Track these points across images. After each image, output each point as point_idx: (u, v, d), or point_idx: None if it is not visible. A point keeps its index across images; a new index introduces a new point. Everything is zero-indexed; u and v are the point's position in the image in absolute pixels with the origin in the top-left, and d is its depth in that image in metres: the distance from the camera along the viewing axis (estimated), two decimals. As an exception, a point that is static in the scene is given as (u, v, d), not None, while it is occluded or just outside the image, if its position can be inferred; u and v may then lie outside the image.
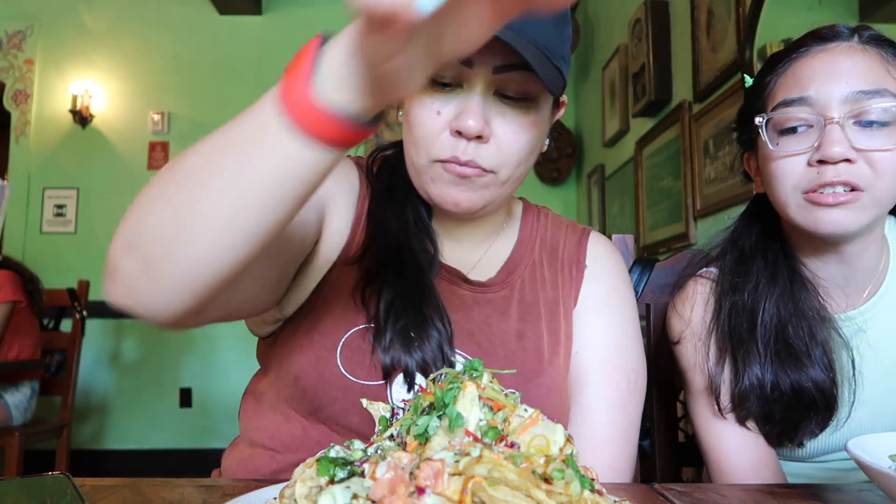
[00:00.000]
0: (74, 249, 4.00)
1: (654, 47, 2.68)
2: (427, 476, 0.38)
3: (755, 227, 0.92)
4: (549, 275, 0.86)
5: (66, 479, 0.52)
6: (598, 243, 0.90)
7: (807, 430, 0.83)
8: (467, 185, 0.73)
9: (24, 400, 2.63)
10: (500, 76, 0.69)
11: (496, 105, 0.71)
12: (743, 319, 0.85)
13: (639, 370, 0.83)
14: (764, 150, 0.82)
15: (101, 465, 3.83)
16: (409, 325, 0.72)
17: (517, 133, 0.72)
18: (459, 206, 0.74)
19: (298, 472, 0.43)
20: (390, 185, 0.83)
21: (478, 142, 0.70)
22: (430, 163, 0.73)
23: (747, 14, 1.94)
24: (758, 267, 0.87)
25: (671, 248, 2.62)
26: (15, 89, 4.08)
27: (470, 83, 0.70)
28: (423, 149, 0.73)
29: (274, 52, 4.11)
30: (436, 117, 0.71)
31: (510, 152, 0.72)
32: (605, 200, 3.63)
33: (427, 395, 0.47)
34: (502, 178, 0.74)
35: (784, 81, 0.81)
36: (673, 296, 0.96)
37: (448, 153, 0.71)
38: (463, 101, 0.70)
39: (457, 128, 0.69)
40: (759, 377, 0.82)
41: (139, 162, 4.08)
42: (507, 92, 0.71)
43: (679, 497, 0.63)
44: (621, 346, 0.83)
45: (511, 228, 0.89)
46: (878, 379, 0.84)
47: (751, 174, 0.92)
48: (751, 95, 0.88)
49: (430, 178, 0.74)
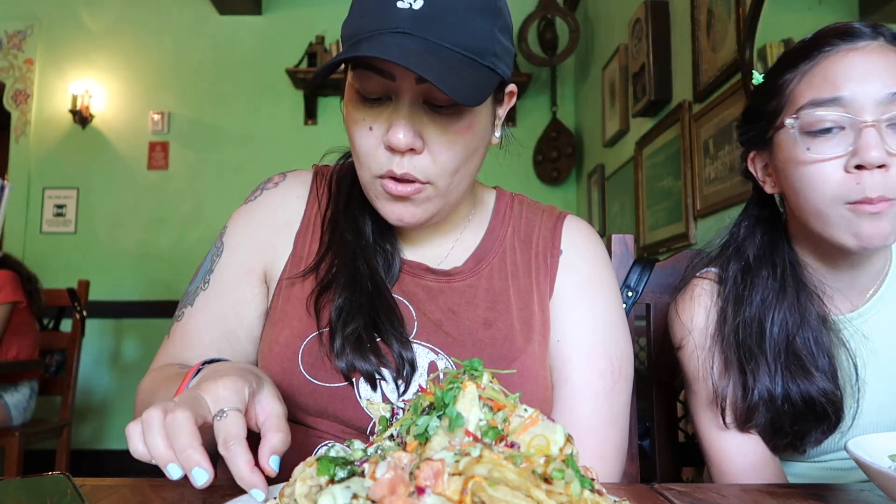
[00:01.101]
0: (74, 249, 4.00)
1: (654, 47, 2.67)
2: (427, 476, 0.38)
3: (759, 231, 0.89)
4: (522, 262, 0.85)
5: (66, 479, 0.52)
6: (573, 228, 0.88)
7: (813, 439, 0.82)
8: (408, 201, 0.73)
9: (24, 400, 2.62)
10: (425, 85, 0.68)
11: (427, 114, 0.70)
12: (751, 333, 0.83)
13: (623, 356, 0.82)
14: (790, 152, 0.78)
15: (101, 465, 3.83)
16: (359, 329, 0.73)
17: (450, 142, 0.71)
18: (403, 220, 0.75)
19: (298, 471, 0.43)
20: (350, 192, 0.84)
21: (412, 154, 0.70)
22: (372, 178, 0.73)
23: (747, 14, 1.94)
24: (764, 277, 0.85)
25: (671, 248, 2.62)
26: (15, 89, 4.08)
27: (397, 95, 0.69)
28: (364, 165, 0.73)
29: (274, 52, 4.11)
30: (369, 133, 0.71)
31: (444, 161, 0.71)
32: (605, 200, 3.63)
33: (427, 395, 0.47)
34: (441, 187, 0.73)
35: (811, 80, 0.77)
36: (675, 297, 0.94)
37: (384, 168, 0.71)
38: (392, 114, 0.70)
39: (387, 143, 0.69)
40: (770, 390, 0.80)
41: (139, 162, 4.08)
42: (435, 101, 0.69)
43: (679, 497, 0.63)
44: (602, 331, 0.81)
45: (481, 218, 0.88)
46: (879, 377, 0.84)
47: (755, 175, 0.88)
48: (762, 93, 0.84)
49: (374, 195, 0.75)
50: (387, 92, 0.70)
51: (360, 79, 0.70)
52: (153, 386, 0.74)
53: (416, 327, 0.78)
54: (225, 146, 4.09)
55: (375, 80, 0.69)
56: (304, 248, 0.83)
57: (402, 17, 0.66)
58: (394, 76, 0.68)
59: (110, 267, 3.99)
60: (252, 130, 4.11)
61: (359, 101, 0.71)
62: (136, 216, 4.03)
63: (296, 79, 4.00)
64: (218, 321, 0.81)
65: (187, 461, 0.49)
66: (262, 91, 4.15)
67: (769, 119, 0.82)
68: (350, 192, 0.85)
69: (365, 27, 0.68)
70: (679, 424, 1.13)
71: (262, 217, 0.86)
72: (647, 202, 2.93)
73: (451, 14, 0.67)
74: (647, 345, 1.14)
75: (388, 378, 0.73)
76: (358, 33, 0.69)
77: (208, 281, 0.83)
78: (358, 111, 0.72)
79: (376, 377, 0.73)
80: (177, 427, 0.50)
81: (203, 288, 0.83)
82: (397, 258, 0.82)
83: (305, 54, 4.04)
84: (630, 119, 3.12)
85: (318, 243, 0.83)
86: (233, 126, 4.11)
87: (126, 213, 4.03)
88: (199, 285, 0.84)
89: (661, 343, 1.08)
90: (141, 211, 4.03)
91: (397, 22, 0.66)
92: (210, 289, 0.83)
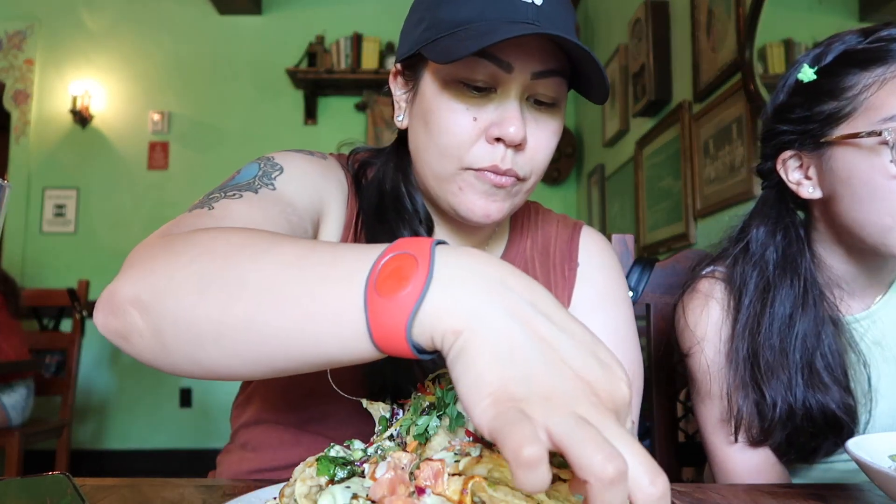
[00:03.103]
0: (74, 249, 4.00)
1: (654, 47, 2.67)
2: (427, 476, 0.38)
3: (779, 235, 0.85)
4: (542, 275, 0.84)
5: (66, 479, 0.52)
6: (589, 239, 0.88)
7: (824, 451, 0.81)
8: (499, 194, 0.70)
9: (21, 400, 2.62)
10: (537, 81, 0.67)
11: (530, 111, 0.69)
12: (773, 350, 0.80)
13: (635, 369, 0.82)
14: (867, 161, 0.73)
15: (101, 465, 3.82)
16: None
17: (548, 139, 0.70)
18: (490, 216, 0.71)
19: (298, 471, 0.43)
20: (379, 203, 0.78)
21: (516, 150, 0.68)
22: (459, 171, 0.69)
23: (747, 14, 1.94)
24: (786, 290, 0.82)
25: (671, 248, 2.62)
26: (15, 89, 4.08)
27: (506, 88, 0.67)
28: (453, 157, 0.69)
29: (274, 52, 4.11)
30: (472, 123, 0.68)
31: (541, 159, 0.71)
32: (605, 200, 3.63)
33: (427, 395, 0.47)
34: (529, 184, 0.72)
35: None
36: (681, 298, 0.92)
37: (486, 161, 0.68)
38: (498, 106, 0.68)
39: (498, 135, 0.67)
40: (791, 405, 0.79)
41: (139, 162, 4.08)
42: (540, 97, 0.69)
43: (679, 497, 0.63)
44: (616, 345, 0.81)
45: (502, 230, 0.87)
46: (890, 375, 0.83)
47: (784, 176, 0.83)
48: (815, 91, 0.79)
49: (459, 188, 0.70)
50: (494, 83, 0.67)
51: (470, 66, 0.66)
52: (252, 240, 0.45)
53: None
54: (225, 146, 4.09)
55: (488, 69, 0.66)
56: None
57: (528, 11, 0.64)
58: (512, 68, 0.66)
59: (110, 267, 3.96)
60: (252, 130, 4.11)
61: (460, 88, 0.68)
62: (136, 216, 4.02)
63: (296, 79, 4.00)
64: (286, 217, 0.63)
65: None
66: (262, 91, 4.15)
67: (826, 121, 0.77)
68: (380, 197, 0.79)
69: (485, 16, 0.65)
70: (679, 424, 1.13)
71: (322, 175, 0.75)
72: (647, 202, 2.93)
73: (564, 11, 0.68)
74: (647, 345, 1.14)
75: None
76: (478, 19, 0.65)
77: (272, 185, 0.66)
78: (459, 100, 0.68)
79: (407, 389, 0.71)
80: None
81: (266, 186, 0.66)
82: None
83: (305, 54, 4.04)
84: (630, 119, 3.12)
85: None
86: (233, 126, 4.11)
87: (126, 213, 4.02)
88: (255, 182, 0.66)
89: (664, 343, 1.08)
90: (141, 211, 4.03)
91: (525, 15, 0.64)
92: (279, 192, 0.66)
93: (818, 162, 0.79)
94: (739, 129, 2.04)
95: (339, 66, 3.97)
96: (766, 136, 0.86)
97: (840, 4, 1.80)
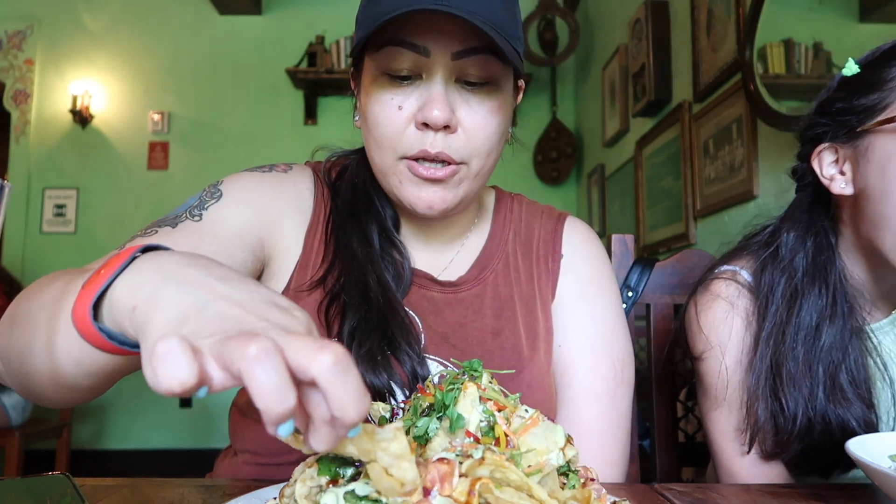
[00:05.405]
0: (74, 249, 4.00)
1: (654, 47, 2.67)
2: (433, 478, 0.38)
3: (809, 240, 0.82)
4: (524, 268, 0.83)
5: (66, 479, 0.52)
6: (574, 230, 0.87)
7: (842, 467, 0.80)
8: (438, 185, 0.70)
9: (21, 400, 2.63)
10: (460, 62, 0.67)
11: (459, 93, 0.69)
12: (797, 361, 0.78)
13: (625, 358, 0.81)
14: None
15: (101, 465, 3.82)
16: (373, 349, 0.70)
17: (485, 119, 0.69)
18: (434, 208, 0.71)
19: (298, 471, 0.43)
20: (352, 200, 0.80)
21: (446, 132, 0.68)
22: (397, 161, 0.70)
23: (747, 14, 1.94)
24: (814, 299, 0.79)
25: (671, 248, 2.62)
26: (15, 89, 4.08)
27: (429, 72, 0.68)
28: (388, 148, 0.70)
29: (274, 52, 4.11)
30: (398, 113, 0.68)
31: (480, 140, 0.70)
32: (605, 200, 3.63)
33: (427, 396, 0.47)
34: (474, 169, 0.72)
35: None
36: (695, 298, 0.89)
37: (416, 148, 0.69)
38: (424, 91, 0.68)
39: (422, 120, 0.67)
40: (811, 419, 0.77)
41: (139, 162, 4.08)
42: (469, 78, 0.69)
43: (679, 497, 0.63)
44: (604, 335, 0.81)
45: (483, 222, 0.87)
46: None
47: (819, 170, 0.81)
48: (857, 85, 0.78)
49: (399, 181, 0.72)
50: (417, 69, 0.68)
51: (389, 56, 0.67)
52: (52, 285, 0.54)
53: (424, 340, 0.76)
54: (225, 146, 4.09)
55: (407, 57, 0.67)
56: (312, 253, 0.79)
57: None
58: (429, 51, 0.66)
59: (110, 267, 3.97)
60: (252, 130, 4.11)
61: (385, 80, 0.69)
62: (136, 216, 4.02)
63: (296, 79, 4.00)
64: (202, 247, 0.68)
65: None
66: (262, 91, 4.14)
67: (865, 112, 0.76)
68: (353, 194, 0.81)
69: (393, 6, 0.64)
70: (679, 424, 1.13)
71: (271, 192, 0.78)
72: (647, 202, 2.93)
73: None
74: (647, 345, 1.14)
75: (399, 393, 0.71)
76: (386, 11, 0.64)
77: (199, 215, 0.71)
78: (384, 91, 0.69)
79: (386, 392, 0.70)
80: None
81: (191, 218, 0.71)
82: (407, 267, 0.79)
83: (305, 54, 4.04)
84: (630, 119, 3.12)
85: (324, 250, 0.79)
86: (233, 126, 4.11)
87: (126, 213, 4.02)
88: (183, 214, 0.71)
89: (669, 343, 1.08)
90: (141, 211, 4.02)
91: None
92: (203, 223, 0.70)
93: (854, 154, 0.78)
94: (739, 129, 2.04)
95: (339, 66, 3.97)
96: (805, 133, 0.85)
97: (840, 4, 1.80)
